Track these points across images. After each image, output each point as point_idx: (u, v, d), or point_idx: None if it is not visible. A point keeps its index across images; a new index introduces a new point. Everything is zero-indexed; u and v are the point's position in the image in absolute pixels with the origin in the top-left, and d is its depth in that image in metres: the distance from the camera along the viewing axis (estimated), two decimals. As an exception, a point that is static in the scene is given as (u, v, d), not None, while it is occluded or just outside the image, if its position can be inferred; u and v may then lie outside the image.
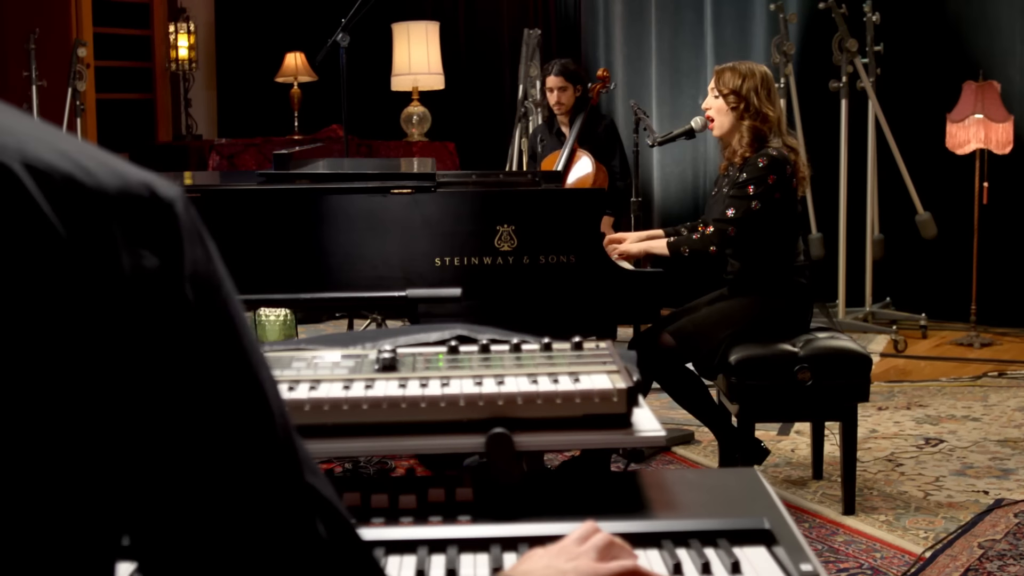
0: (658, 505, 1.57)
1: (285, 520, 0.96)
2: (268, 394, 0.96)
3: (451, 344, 1.74)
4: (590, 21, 9.21)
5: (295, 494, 0.97)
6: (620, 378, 1.59)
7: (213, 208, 3.91)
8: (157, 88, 10.49)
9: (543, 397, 1.56)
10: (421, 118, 9.25)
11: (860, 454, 5.09)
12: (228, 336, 0.94)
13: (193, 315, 0.91)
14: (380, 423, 1.56)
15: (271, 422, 0.96)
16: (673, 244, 4.45)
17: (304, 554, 0.96)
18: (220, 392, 0.93)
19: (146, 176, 0.93)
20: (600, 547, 1.35)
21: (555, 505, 1.56)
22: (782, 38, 7.76)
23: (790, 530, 1.47)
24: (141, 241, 0.89)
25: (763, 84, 4.48)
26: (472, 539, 1.46)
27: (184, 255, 0.92)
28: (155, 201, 0.92)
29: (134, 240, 0.89)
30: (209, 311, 0.93)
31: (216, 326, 0.93)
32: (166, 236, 0.91)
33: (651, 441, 1.57)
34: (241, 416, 0.94)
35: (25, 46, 8.70)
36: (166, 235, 0.91)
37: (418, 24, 9.09)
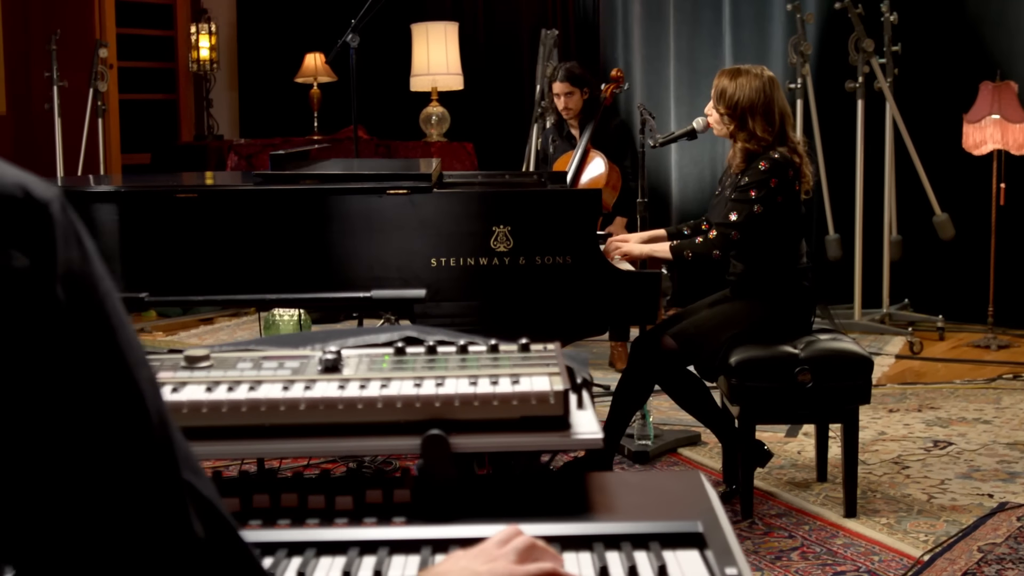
0: (597, 508, 1.56)
1: (159, 517, 0.96)
2: (144, 392, 0.97)
3: (398, 346, 1.74)
4: (608, 21, 9.20)
5: (170, 491, 0.97)
6: (559, 380, 1.59)
7: (208, 209, 3.93)
8: (180, 89, 10.54)
9: (480, 399, 1.56)
10: (440, 118, 9.26)
11: (866, 456, 5.07)
12: (102, 335, 0.95)
13: (65, 314, 0.92)
14: (318, 424, 1.56)
15: (146, 420, 0.96)
16: (676, 248, 4.44)
17: (178, 551, 0.97)
18: (93, 390, 0.94)
19: (22, 177, 0.93)
20: (520, 550, 1.35)
21: (494, 507, 1.55)
22: (799, 38, 7.73)
23: (723, 534, 1.47)
24: (12, 241, 0.90)
25: (761, 99, 4.43)
26: (402, 540, 1.47)
27: (57, 255, 0.92)
28: (29, 202, 0.92)
29: (4, 240, 0.89)
30: (82, 310, 0.93)
31: (90, 325, 0.94)
32: (38, 237, 0.92)
33: (587, 444, 1.56)
34: (114, 413, 0.94)
35: (47, 47, 8.75)
36: (38, 236, 0.92)
37: (437, 24, 9.10)
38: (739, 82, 4.47)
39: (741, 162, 4.45)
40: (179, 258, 3.91)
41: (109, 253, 3.92)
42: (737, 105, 4.46)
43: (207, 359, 1.69)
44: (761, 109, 4.44)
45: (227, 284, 3.86)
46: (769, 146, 4.42)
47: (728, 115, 4.48)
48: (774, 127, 4.45)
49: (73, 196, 3.97)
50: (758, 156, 4.42)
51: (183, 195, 3.94)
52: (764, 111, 4.44)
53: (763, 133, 4.43)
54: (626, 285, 3.94)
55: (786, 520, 4.34)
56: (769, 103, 4.46)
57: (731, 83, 4.49)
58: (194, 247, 3.90)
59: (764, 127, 4.43)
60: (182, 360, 1.70)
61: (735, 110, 4.46)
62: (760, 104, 4.44)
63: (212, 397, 1.56)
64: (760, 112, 4.44)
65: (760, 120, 4.43)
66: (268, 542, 1.47)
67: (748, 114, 4.44)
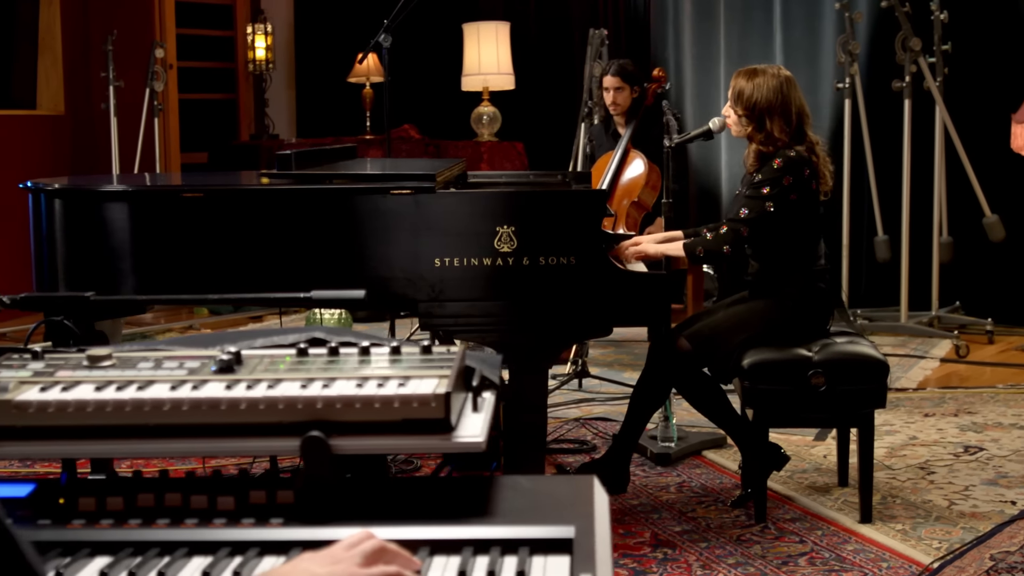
0: (479, 512, 1.55)
1: None
2: None
3: (301, 347, 1.74)
4: (659, 20, 9.16)
5: None
6: (445, 383, 1.58)
7: (215, 208, 3.96)
8: (240, 88, 10.64)
9: (361, 401, 1.55)
10: (491, 118, 9.28)
11: (893, 461, 5.01)
12: None
13: None
14: (202, 424, 1.57)
15: None
16: (689, 245, 4.42)
17: None
18: None
19: None
20: (368, 552, 1.35)
21: (375, 510, 1.55)
22: (847, 37, 7.64)
23: (593, 540, 1.45)
24: None
25: (778, 99, 4.39)
26: (272, 542, 1.47)
27: None
28: None
29: None
30: None
31: None
32: None
33: (468, 447, 1.56)
34: None
35: (103, 47, 8.87)
36: None
37: (488, 24, 9.12)
38: (756, 82, 4.43)
39: (754, 162, 4.42)
40: (179, 257, 3.95)
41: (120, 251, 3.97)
42: (755, 106, 4.41)
43: (109, 358, 1.71)
44: (779, 110, 4.40)
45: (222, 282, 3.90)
46: (786, 146, 4.38)
47: (746, 116, 4.44)
48: (791, 127, 4.40)
49: (80, 195, 4.03)
50: (773, 154, 4.38)
51: (189, 195, 3.98)
52: (782, 111, 4.40)
53: (780, 134, 4.38)
54: (631, 286, 3.91)
55: (799, 525, 4.29)
56: (787, 103, 4.41)
57: (748, 83, 4.44)
58: (195, 246, 3.94)
59: (782, 128, 4.39)
60: (84, 359, 1.71)
61: (753, 111, 4.42)
62: (778, 105, 4.40)
63: (99, 396, 1.57)
64: (778, 112, 4.39)
65: (778, 120, 4.39)
66: (141, 541, 1.48)
67: (766, 115, 4.40)
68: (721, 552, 4.05)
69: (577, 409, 6.00)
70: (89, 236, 4.00)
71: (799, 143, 4.40)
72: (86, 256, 4.02)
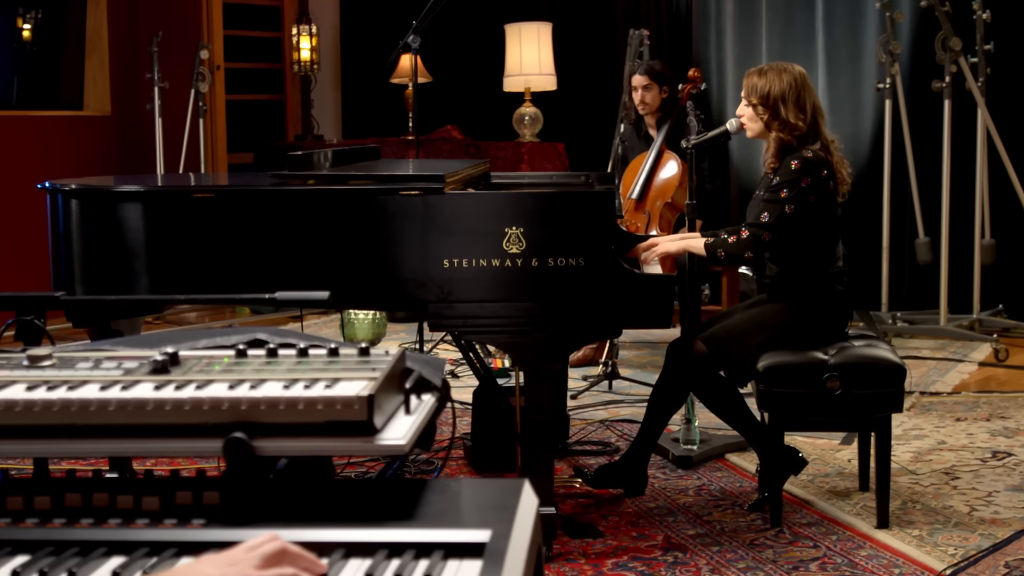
0: (404, 514, 1.55)
1: None
2: None
3: (239, 348, 1.75)
4: (701, 20, 9.10)
5: None
6: (371, 386, 1.58)
7: (225, 208, 3.99)
8: (287, 89, 10.70)
9: (285, 403, 1.56)
10: (533, 119, 9.26)
11: (918, 466, 4.96)
12: None
13: None
14: (128, 425, 1.58)
15: None
16: (711, 245, 4.39)
17: None
18: None
19: None
20: (267, 555, 1.35)
21: (299, 511, 1.56)
22: (888, 37, 7.57)
23: (506, 544, 1.44)
24: None
25: (792, 90, 4.37)
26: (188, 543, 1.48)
27: None
28: None
29: None
30: None
31: None
32: None
33: (390, 450, 1.55)
34: None
35: (148, 48, 8.96)
36: None
37: (530, 25, 9.11)
38: (769, 76, 4.43)
39: (775, 156, 4.39)
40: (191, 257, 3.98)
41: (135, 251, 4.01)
42: (769, 95, 4.40)
43: (49, 358, 1.72)
44: (793, 98, 4.38)
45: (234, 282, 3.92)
46: (803, 138, 4.35)
47: (761, 105, 4.41)
48: (807, 116, 4.37)
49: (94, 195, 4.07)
50: (790, 154, 4.34)
51: (200, 195, 4.01)
52: (796, 100, 4.38)
53: (796, 120, 4.36)
54: (640, 288, 3.89)
55: (815, 529, 4.25)
56: (800, 94, 4.40)
57: (761, 78, 4.44)
58: (206, 246, 3.97)
59: (797, 114, 4.37)
60: (25, 359, 1.73)
61: (767, 99, 4.40)
62: (791, 93, 4.38)
63: (28, 396, 1.58)
64: (792, 100, 4.38)
65: (792, 108, 4.37)
66: (62, 540, 1.49)
67: (780, 102, 4.38)
68: (732, 556, 4.02)
69: (604, 411, 5.99)
70: (103, 235, 4.04)
71: (814, 140, 4.37)
72: (101, 255, 4.06)
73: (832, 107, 8.39)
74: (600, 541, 4.17)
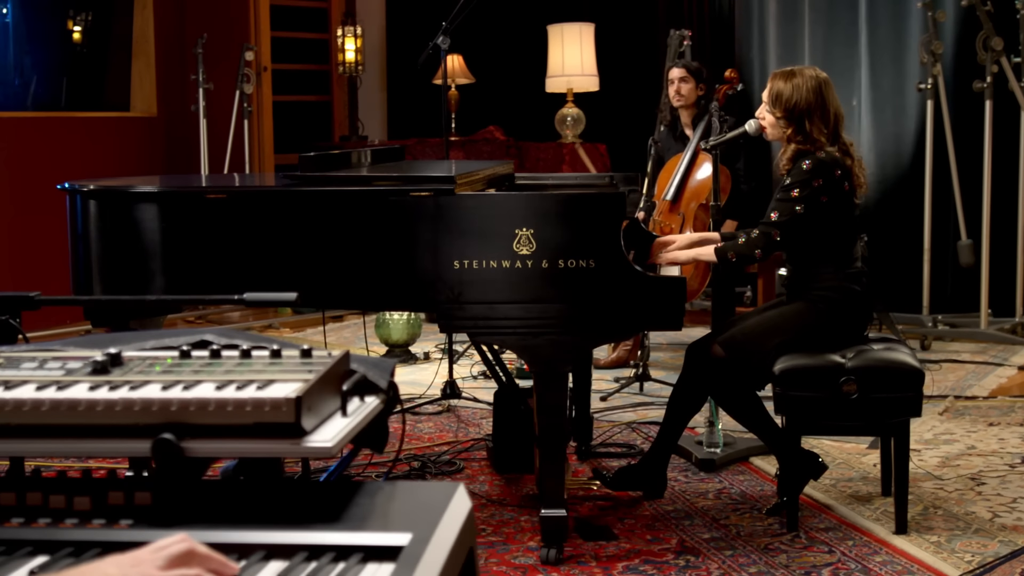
0: (331, 516, 1.55)
1: None
2: None
3: (184, 349, 1.76)
4: (744, 21, 9.05)
5: None
6: (301, 388, 1.58)
7: (237, 209, 4.01)
8: (334, 90, 10.75)
9: (214, 404, 1.56)
10: (575, 120, 9.25)
11: (944, 471, 4.90)
12: None
13: None
14: (62, 425, 1.59)
15: None
16: (720, 250, 4.36)
17: None
18: None
19: None
20: (173, 556, 1.35)
21: (229, 513, 1.56)
22: (930, 36, 7.48)
23: (424, 548, 1.44)
24: None
25: (817, 101, 4.32)
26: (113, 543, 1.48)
27: None
28: None
29: None
30: None
31: None
32: None
33: (316, 453, 1.55)
34: None
35: (193, 50, 9.03)
36: None
37: (572, 26, 9.09)
38: (795, 83, 4.37)
39: (790, 159, 4.35)
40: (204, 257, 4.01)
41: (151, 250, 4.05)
42: (795, 108, 4.35)
43: (-6, 359, 1.74)
44: (819, 111, 4.33)
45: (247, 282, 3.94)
46: (821, 149, 4.31)
47: (785, 118, 4.37)
48: (829, 129, 4.33)
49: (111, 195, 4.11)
50: (803, 155, 4.31)
51: (213, 196, 4.04)
52: (821, 113, 4.33)
53: (819, 135, 4.32)
54: (651, 290, 3.87)
55: (832, 535, 4.21)
56: (825, 105, 4.35)
57: (786, 85, 4.38)
58: (219, 246, 4.00)
59: (820, 129, 4.32)
60: (-30, 359, 1.75)
61: (792, 113, 4.35)
62: (817, 106, 4.33)
63: (-36, 396, 1.60)
64: (818, 114, 4.33)
65: (818, 123, 4.32)
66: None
67: (806, 116, 4.33)
68: (745, 560, 3.99)
69: (633, 413, 5.96)
70: (119, 235, 4.08)
71: (833, 145, 4.33)
72: (117, 255, 4.10)
73: (875, 108, 8.31)
74: (613, 544, 4.16)
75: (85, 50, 9.77)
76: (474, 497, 4.67)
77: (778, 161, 4.44)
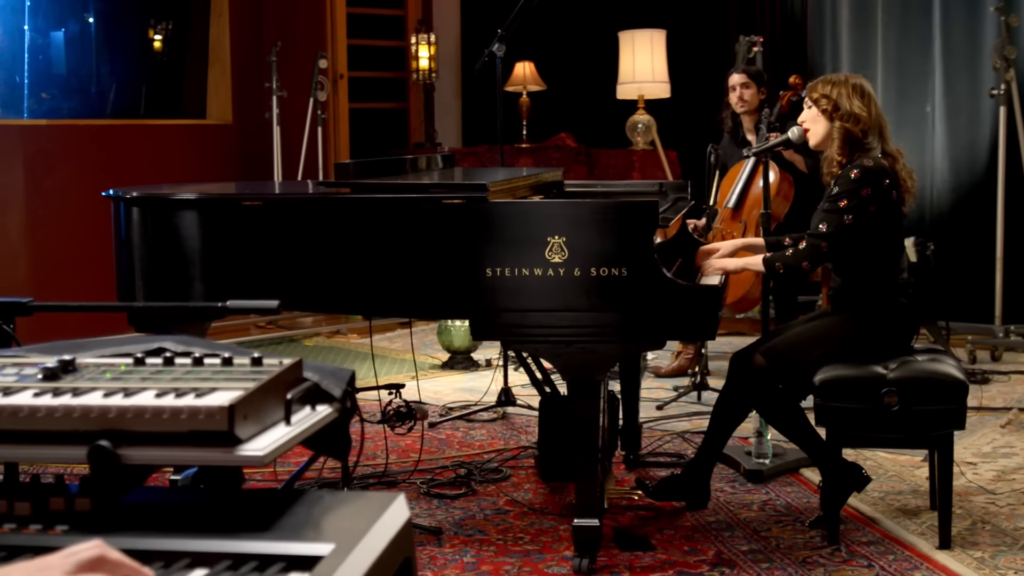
0: (263, 525, 1.55)
1: None
2: None
3: (138, 356, 1.77)
4: (816, 26, 8.94)
5: None
6: (237, 396, 1.58)
7: (273, 216, 4.05)
8: (410, 97, 10.80)
9: (151, 411, 1.57)
10: (646, 127, 9.20)
11: (998, 485, 4.80)
12: None
13: None
14: (5, 431, 1.60)
15: None
16: (768, 260, 4.31)
17: None
18: None
19: None
20: (83, 561, 1.35)
21: (164, 521, 1.57)
22: (1003, 42, 7.33)
23: (343, 559, 1.43)
24: None
25: (855, 89, 4.28)
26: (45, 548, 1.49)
27: None
28: None
29: None
30: None
31: None
32: None
33: (249, 461, 1.55)
34: None
35: (267, 58, 9.12)
36: None
37: (643, 32, 9.05)
38: (831, 77, 4.36)
39: (839, 150, 4.29)
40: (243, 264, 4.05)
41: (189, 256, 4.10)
42: (832, 88, 4.33)
43: (-48, 364, 1.76)
44: (856, 92, 4.30)
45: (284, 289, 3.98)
46: (867, 132, 4.25)
47: (824, 97, 4.33)
48: (870, 113, 4.30)
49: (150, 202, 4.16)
50: (850, 164, 4.25)
51: (248, 203, 4.07)
52: (859, 94, 4.30)
53: (860, 111, 4.29)
54: (684, 299, 3.83)
55: (873, 548, 4.14)
56: (863, 91, 4.32)
57: (823, 80, 4.37)
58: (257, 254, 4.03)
59: (860, 105, 4.30)
60: (-74, 364, 1.77)
61: (829, 94, 4.32)
62: (854, 89, 4.30)
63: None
64: (855, 94, 4.31)
65: (856, 99, 4.31)
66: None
67: (843, 94, 4.32)
68: (780, 574, 3.94)
69: (687, 422, 5.91)
70: (160, 242, 4.13)
71: (880, 153, 4.26)
72: (158, 261, 4.15)
73: (949, 114, 8.17)
74: (649, 555, 4.12)
75: (165, 58, 9.92)
76: (516, 505, 4.66)
77: (831, 159, 4.35)
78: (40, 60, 8.88)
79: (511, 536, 4.33)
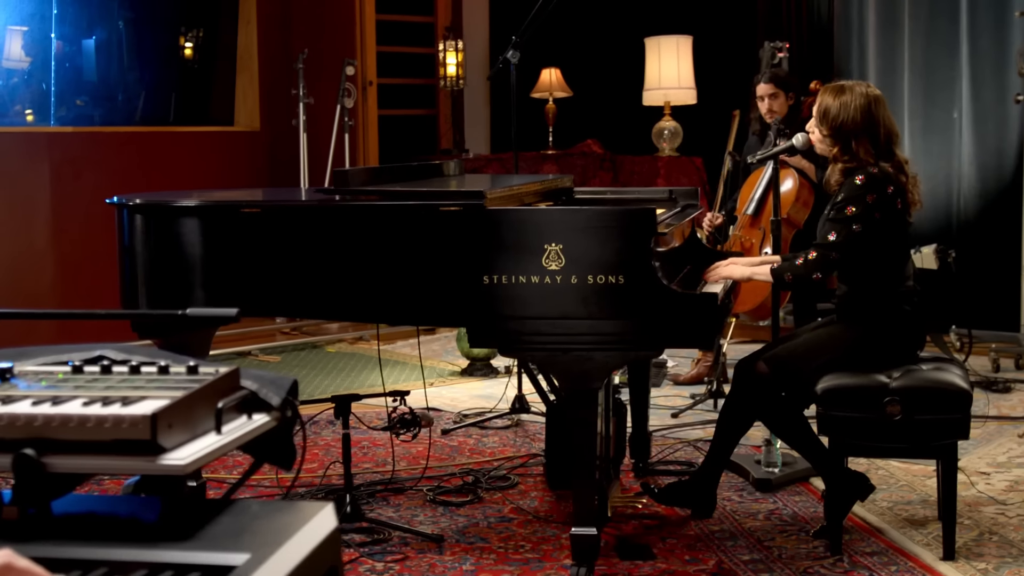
0: (190, 535, 1.55)
1: None
2: None
3: (75, 364, 1.77)
4: (843, 31, 8.88)
5: None
6: (161, 405, 1.58)
7: (271, 224, 4.06)
8: (440, 104, 10.82)
9: (76, 420, 1.57)
10: (672, 133, 9.18)
11: (1010, 496, 4.75)
12: None
13: None
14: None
15: None
16: (777, 270, 4.28)
17: None
18: None
19: None
20: (-12, 572, 1.36)
21: (94, 528, 1.57)
22: (1028, 47, 7.27)
23: (256, 569, 1.43)
24: None
25: (864, 120, 4.20)
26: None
27: None
28: None
29: None
30: None
31: None
32: None
33: (170, 470, 1.55)
34: None
35: (294, 65, 9.16)
36: None
37: (669, 39, 9.04)
38: (843, 101, 4.25)
39: (840, 175, 4.26)
40: (242, 271, 4.06)
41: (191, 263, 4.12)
42: (841, 127, 4.24)
43: None
44: (866, 131, 4.22)
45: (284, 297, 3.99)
46: (870, 166, 4.20)
47: (831, 137, 4.27)
48: (878, 148, 4.22)
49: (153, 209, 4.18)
50: (855, 171, 4.21)
51: (247, 210, 4.08)
52: (869, 133, 4.22)
53: (866, 156, 4.21)
54: (681, 307, 3.80)
55: (876, 559, 4.10)
56: (874, 124, 4.22)
57: (835, 102, 4.27)
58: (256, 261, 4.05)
59: (867, 150, 4.21)
60: None
61: (839, 132, 4.25)
62: (864, 125, 4.22)
63: None
64: (865, 134, 4.22)
65: (864, 142, 4.21)
66: None
67: (852, 137, 4.23)
68: (779, 584, 3.91)
69: (702, 430, 5.88)
70: (162, 248, 4.15)
71: (886, 161, 4.22)
72: (160, 268, 4.17)
73: (976, 120, 8.10)
74: (649, 564, 4.10)
75: (196, 66, 9.98)
76: (521, 513, 4.65)
77: (827, 178, 4.33)
78: (68, 68, 8.95)
79: (512, 544, 4.32)
